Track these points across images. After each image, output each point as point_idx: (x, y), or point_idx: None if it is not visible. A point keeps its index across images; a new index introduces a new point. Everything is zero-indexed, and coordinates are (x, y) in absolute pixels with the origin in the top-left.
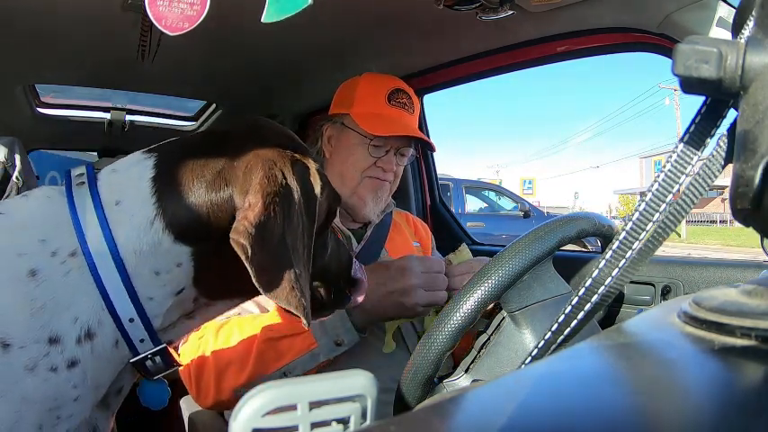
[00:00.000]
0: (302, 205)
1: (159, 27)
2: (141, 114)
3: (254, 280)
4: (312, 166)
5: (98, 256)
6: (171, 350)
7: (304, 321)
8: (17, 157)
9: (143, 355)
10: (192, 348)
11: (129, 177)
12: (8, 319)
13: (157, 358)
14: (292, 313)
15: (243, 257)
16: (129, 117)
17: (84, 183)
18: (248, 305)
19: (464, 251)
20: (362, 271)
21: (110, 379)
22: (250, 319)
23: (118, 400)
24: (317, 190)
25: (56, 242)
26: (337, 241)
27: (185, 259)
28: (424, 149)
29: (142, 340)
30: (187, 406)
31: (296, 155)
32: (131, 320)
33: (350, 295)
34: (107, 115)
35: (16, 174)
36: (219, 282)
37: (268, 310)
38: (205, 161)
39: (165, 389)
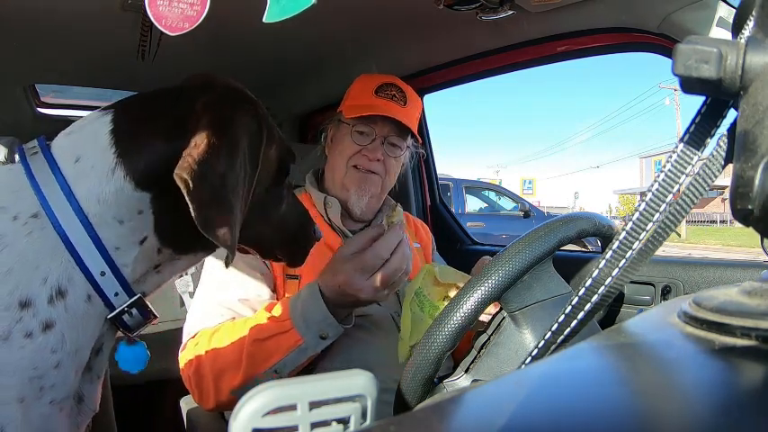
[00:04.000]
0: (246, 151)
1: (159, 27)
2: None
3: (193, 215)
4: (261, 117)
5: (60, 212)
6: (147, 302)
7: (230, 257)
8: (17, 158)
9: (119, 309)
10: (189, 354)
11: (87, 134)
12: None
13: (134, 311)
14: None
15: (184, 192)
16: None
17: (37, 152)
18: (242, 310)
19: (398, 212)
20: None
21: (90, 340)
22: (240, 323)
23: (100, 361)
24: (263, 139)
25: (15, 207)
26: (296, 201)
27: (146, 206)
28: (425, 149)
29: (116, 294)
30: (187, 406)
31: (245, 105)
32: (103, 274)
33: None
34: None
35: None
36: (179, 230)
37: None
38: (161, 113)
39: (143, 351)
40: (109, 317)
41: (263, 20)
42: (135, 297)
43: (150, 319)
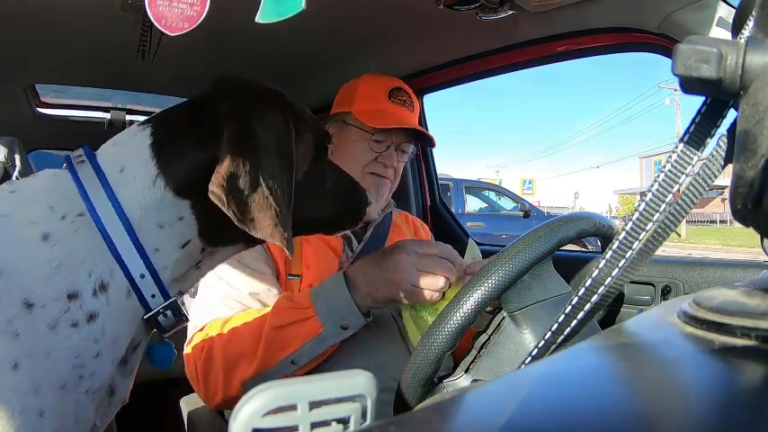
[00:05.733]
0: (274, 149)
1: (159, 27)
2: (141, 114)
3: (236, 223)
4: (286, 112)
5: (103, 212)
6: (179, 304)
7: (288, 252)
8: (17, 158)
9: (155, 310)
10: (198, 343)
11: (130, 146)
12: (29, 281)
13: (169, 312)
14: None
15: (220, 206)
16: (129, 117)
17: (84, 160)
18: (250, 303)
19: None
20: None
21: (127, 333)
22: (255, 312)
23: (135, 357)
24: (292, 131)
25: (64, 207)
26: (338, 173)
27: (186, 212)
28: (424, 148)
29: (153, 296)
30: (187, 406)
31: (267, 103)
32: (142, 276)
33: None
34: (107, 115)
35: (16, 174)
36: (222, 230)
37: (269, 305)
38: (192, 123)
39: (172, 350)
40: (145, 317)
41: (256, 19)
42: (170, 300)
43: (183, 322)
